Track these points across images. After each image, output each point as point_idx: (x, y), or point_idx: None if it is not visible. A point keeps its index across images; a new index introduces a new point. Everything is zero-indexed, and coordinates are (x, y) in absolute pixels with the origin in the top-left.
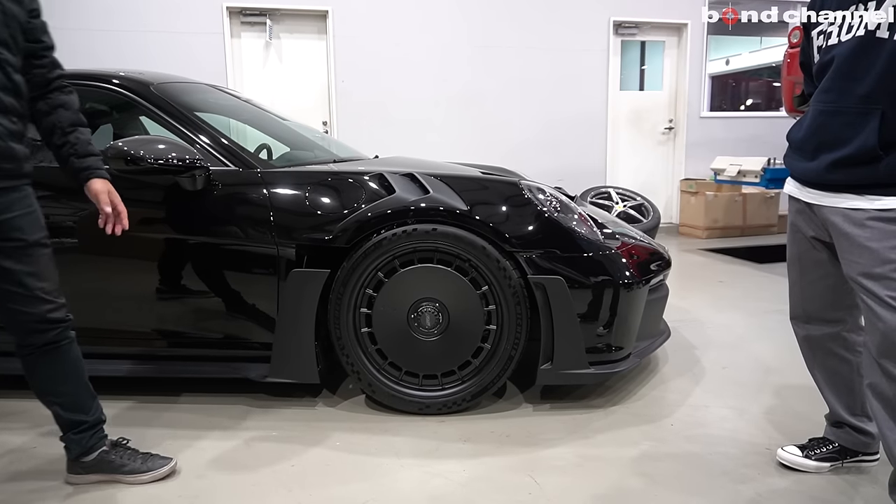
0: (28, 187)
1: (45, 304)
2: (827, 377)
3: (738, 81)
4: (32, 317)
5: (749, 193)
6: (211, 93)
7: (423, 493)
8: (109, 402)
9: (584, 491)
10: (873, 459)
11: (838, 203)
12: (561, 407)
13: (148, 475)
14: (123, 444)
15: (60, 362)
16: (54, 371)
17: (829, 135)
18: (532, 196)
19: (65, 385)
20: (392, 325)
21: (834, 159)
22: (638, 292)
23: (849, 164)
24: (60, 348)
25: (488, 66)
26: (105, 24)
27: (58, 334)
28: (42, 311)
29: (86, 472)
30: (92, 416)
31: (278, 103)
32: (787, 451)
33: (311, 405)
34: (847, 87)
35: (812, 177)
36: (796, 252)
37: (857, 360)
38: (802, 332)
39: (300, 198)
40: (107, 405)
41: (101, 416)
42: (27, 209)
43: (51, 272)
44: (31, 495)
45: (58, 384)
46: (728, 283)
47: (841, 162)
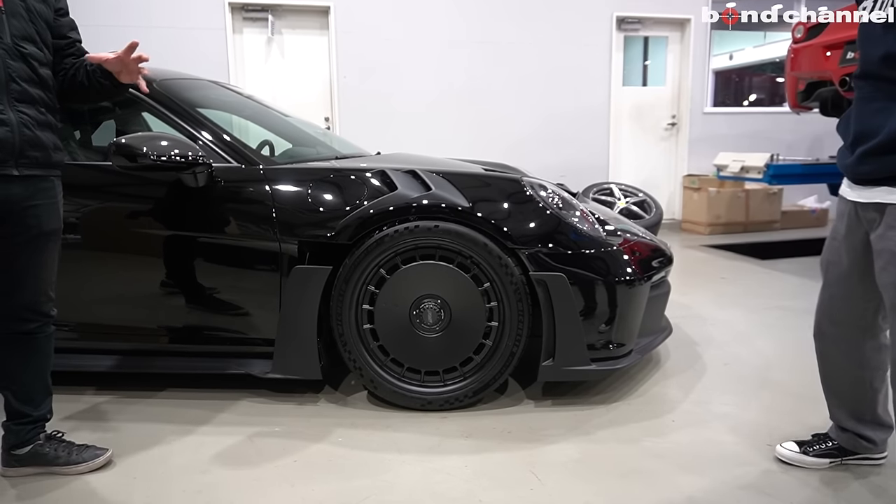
0: (56, 179)
1: (39, 295)
2: (837, 385)
3: (741, 77)
4: (22, 303)
5: (752, 189)
6: (213, 89)
7: (425, 488)
8: (112, 398)
9: (586, 486)
10: (877, 460)
11: (875, 198)
12: (562, 403)
13: (83, 466)
14: (58, 437)
15: (31, 353)
16: (22, 360)
17: (862, 123)
18: (534, 193)
19: (26, 375)
20: (394, 321)
21: (865, 149)
22: (640, 289)
23: (878, 153)
24: (36, 340)
25: (491, 61)
26: (110, 19)
27: (39, 327)
28: (33, 301)
29: (20, 465)
30: (38, 411)
31: (280, 99)
32: (784, 447)
33: (314, 401)
34: (881, 73)
35: (849, 171)
36: (826, 258)
37: (872, 374)
38: (823, 340)
39: (302, 194)
40: (109, 401)
41: (48, 413)
42: (49, 200)
43: (53, 266)
44: None
45: (20, 373)
46: (730, 279)
47: (871, 151)
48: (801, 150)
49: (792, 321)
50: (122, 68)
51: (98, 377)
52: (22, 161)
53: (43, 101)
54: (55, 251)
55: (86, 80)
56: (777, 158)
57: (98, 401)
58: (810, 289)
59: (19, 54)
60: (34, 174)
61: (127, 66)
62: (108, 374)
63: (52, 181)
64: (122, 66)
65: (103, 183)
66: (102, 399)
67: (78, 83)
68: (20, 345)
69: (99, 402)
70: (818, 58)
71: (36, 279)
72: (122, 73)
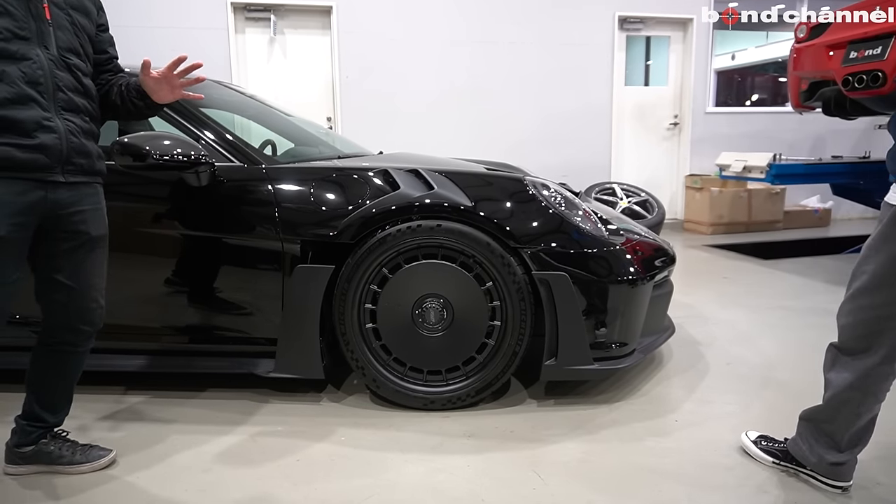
0: (99, 186)
1: (90, 302)
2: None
3: (743, 77)
4: (76, 310)
5: (754, 189)
6: (216, 89)
7: (428, 487)
8: (117, 397)
9: (588, 486)
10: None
11: None
12: (565, 403)
13: (86, 466)
14: (62, 436)
15: (66, 365)
16: (56, 371)
17: None
18: (536, 192)
19: (55, 385)
20: (396, 320)
21: None
22: (642, 288)
23: None
24: (78, 355)
25: (492, 61)
26: (114, 19)
27: (84, 339)
28: (85, 307)
29: (24, 463)
30: (55, 419)
31: (282, 99)
32: (747, 435)
33: (316, 400)
34: None
35: None
36: (855, 268)
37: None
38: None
39: (305, 194)
40: (113, 400)
41: (62, 420)
42: (95, 205)
43: (103, 271)
44: None
45: (53, 383)
46: (732, 279)
47: None
48: (803, 149)
49: (794, 321)
50: (160, 87)
51: (100, 376)
52: (68, 168)
53: (87, 110)
54: (104, 257)
55: (118, 99)
56: (779, 158)
57: (101, 400)
58: (812, 289)
59: (65, 65)
60: (79, 181)
61: (170, 81)
62: (111, 373)
63: (96, 187)
64: (162, 85)
65: (106, 183)
66: (104, 398)
67: (111, 102)
68: (60, 357)
69: (102, 402)
70: (821, 57)
71: (88, 286)
72: (159, 91)
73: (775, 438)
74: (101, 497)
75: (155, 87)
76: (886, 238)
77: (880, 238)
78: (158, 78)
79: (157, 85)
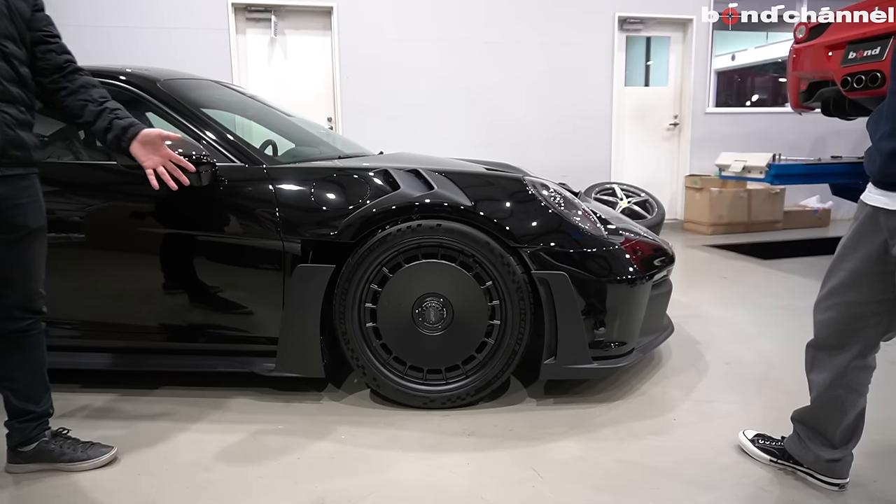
0: (35, 177)
1: (30, 293)
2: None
3: (743, 77)
4: (14, 302)
5: (754, 189)
6: (217, 89)
7: (428, 486)
8: (116, 396)
9: (588, 484)
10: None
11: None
12: (564, 401)
13: (88, 463)
14: (63, 434)
15: (26, 351)
16: (17, 359)
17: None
18: (536, 192)
19: (23, 374)
20: (396, 320)
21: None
22: (641, 288)
23: None
24: (30, 338)
25: (493, 61)
26: (115, 20)
27: (31, 324)
28: (25, 298)
29: (26, 462)
30: (40, 407)
31: (283, 99)
32: (744, 434)
33: (317, 399)
34: None
35: (881, 172)
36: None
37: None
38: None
39: (305, 194)
40: (114, 399)
41: (50, 409)
42: (32, 198)
43: (42, 263)
44: None
45: (17, 372)
46: (732, 279)
47: None
48: (803, 150)
49: (794, 321)
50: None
51: (102, 375)
52: (4, 161)
53: (23, 99)
54: (43, 248)
55: (102, 136)
56: (779, 158)
57: (102, 399)
58: (812, 289)
59: (1, 53)
60: (16, 174)
61: (159, 151)
62: (113, 372)
63: (31, 179)
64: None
65: (107, 182)
66: (107, 397)
67: (82, 122)
68: (15, 344)
69: (103, 400)
70: (820, 58)
71: (27, 277)
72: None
73: (772, 437)
74: (103, 494)
75: (143, 156)
76: (862, 236)
77: (856, 236)
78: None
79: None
